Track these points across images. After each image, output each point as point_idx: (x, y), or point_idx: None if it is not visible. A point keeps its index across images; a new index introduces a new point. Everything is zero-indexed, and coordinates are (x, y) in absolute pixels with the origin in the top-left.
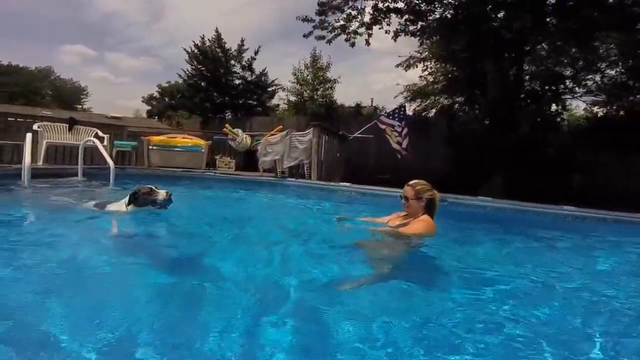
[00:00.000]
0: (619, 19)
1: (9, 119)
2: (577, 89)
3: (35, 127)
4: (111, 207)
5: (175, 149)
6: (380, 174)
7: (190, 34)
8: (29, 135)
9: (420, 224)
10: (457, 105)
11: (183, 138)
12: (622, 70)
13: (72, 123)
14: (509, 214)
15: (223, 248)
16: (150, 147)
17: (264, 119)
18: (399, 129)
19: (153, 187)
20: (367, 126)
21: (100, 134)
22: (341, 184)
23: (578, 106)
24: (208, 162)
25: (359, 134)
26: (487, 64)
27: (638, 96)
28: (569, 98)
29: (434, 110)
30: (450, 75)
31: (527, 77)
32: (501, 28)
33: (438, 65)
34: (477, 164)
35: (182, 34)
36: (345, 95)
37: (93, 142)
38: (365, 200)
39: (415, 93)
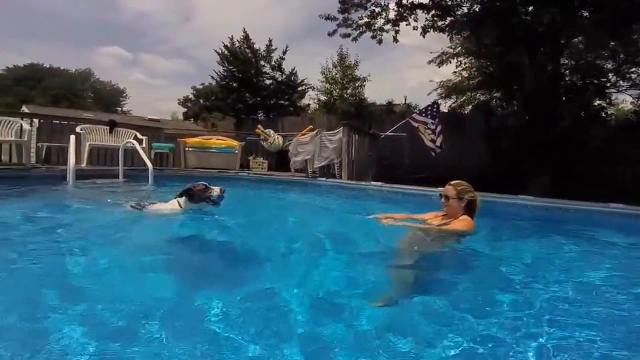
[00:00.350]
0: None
1: (54, 121)
2: (621, 82)
3: (78, 129)
4: (160, 207)
5: (210, 150)
6: (415, 173)
7: (219, 35)
8: (72, 138)
9: (462, 222)
10: (494, 100)
11: (217, 139)
12: None
13: (112, 125)
14: (552, 212)
15: (256, 251)
16: (187, 148)
17: (295, 119)
18: (433, 127)
19: (207, 184)
20: (399, 124)
21: (139, 136)
22: (372, 183)
23: (625, 100)
24: (242, 163)
25: (391, 132)
26: (522, 58)
27: None
28: (614, 92)
29: (470, 107)
30: (485, 71)
31: (566, 70)
32: (533, 22)
33: (473, 61)
34: (517, 159)
35: (211, 35)
36: (378, 92)
37: (132, 144)
38: (397, 199)
39: (450, 89)
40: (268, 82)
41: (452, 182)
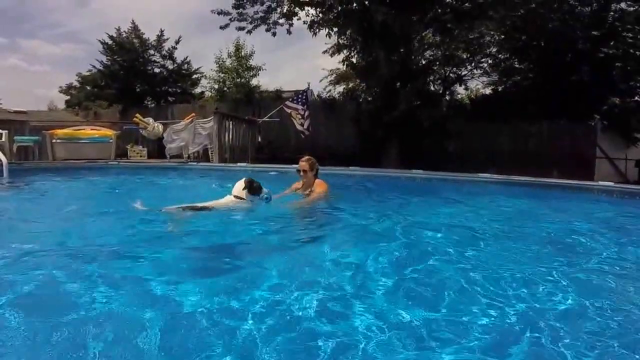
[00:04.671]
0: (476, 10)
1: None
2: (475, 71)
3: None
4: (227, 203)
5: (81, 141)
6: (299, 154)
7: (116, 20)
8: None
9: (321, 187)
10: (366, 89)
11: (91, 130)
12: (504, 54)
13: None
14: (372, 179)
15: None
16: (54, 140)
17: (186, 107)
18: (302, 112)
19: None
20: (274, 111)
21: None
22: (238, 164)
23: (479, 85)
24: (119, 152)
25: (267, 118)
26: (379, 53)
27: (518, 76)
28: (469, 79)
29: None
30: (355, 62)
31: (437, 62)
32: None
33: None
34: (373, 138)
35: (111, 17)
36: (293, 78)
37: None
38: (263, 176)
39: (338, 77)
40: (157, 70)
41: (303, 159)
